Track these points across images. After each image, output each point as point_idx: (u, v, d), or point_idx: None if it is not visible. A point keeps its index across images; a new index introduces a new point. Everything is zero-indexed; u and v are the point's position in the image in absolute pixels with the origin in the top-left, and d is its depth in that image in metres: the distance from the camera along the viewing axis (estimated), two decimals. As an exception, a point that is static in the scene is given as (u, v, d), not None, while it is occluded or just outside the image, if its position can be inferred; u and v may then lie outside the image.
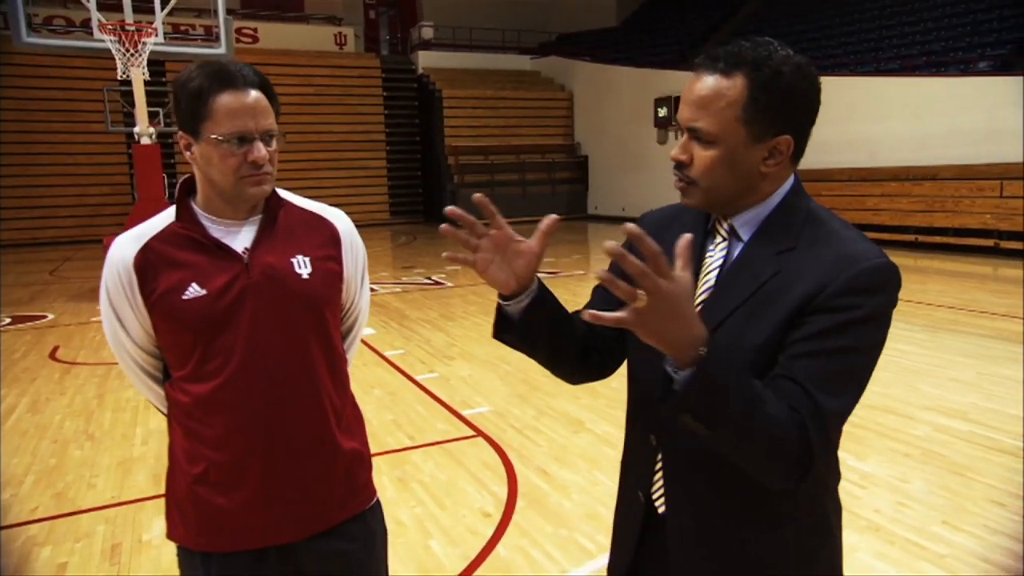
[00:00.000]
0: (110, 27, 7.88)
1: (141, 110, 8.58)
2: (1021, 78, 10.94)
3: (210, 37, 17.44)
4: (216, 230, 1.34)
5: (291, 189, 1.39)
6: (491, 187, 19.55)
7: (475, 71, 21.21)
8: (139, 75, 8.13)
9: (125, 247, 1.32)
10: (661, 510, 1.14)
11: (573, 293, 8.78)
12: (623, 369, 1.26)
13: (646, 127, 17.97)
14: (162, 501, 1.45)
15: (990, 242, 10.67)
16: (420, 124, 20.72)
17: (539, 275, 1.17)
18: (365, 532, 1.47)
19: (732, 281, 1.06)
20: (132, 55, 7.96)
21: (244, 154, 1.27)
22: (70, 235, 16.29)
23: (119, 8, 8.78)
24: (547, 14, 24.19)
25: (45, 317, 7.93)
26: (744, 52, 1.01)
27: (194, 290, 1.29)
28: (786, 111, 1.01)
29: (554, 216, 1.11)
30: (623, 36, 22.00)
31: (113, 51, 7.97)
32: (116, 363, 5.74)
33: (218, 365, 1.30)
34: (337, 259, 1.44)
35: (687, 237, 0.91)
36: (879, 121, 12.76)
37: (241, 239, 1.35)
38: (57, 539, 2.98)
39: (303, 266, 1.37)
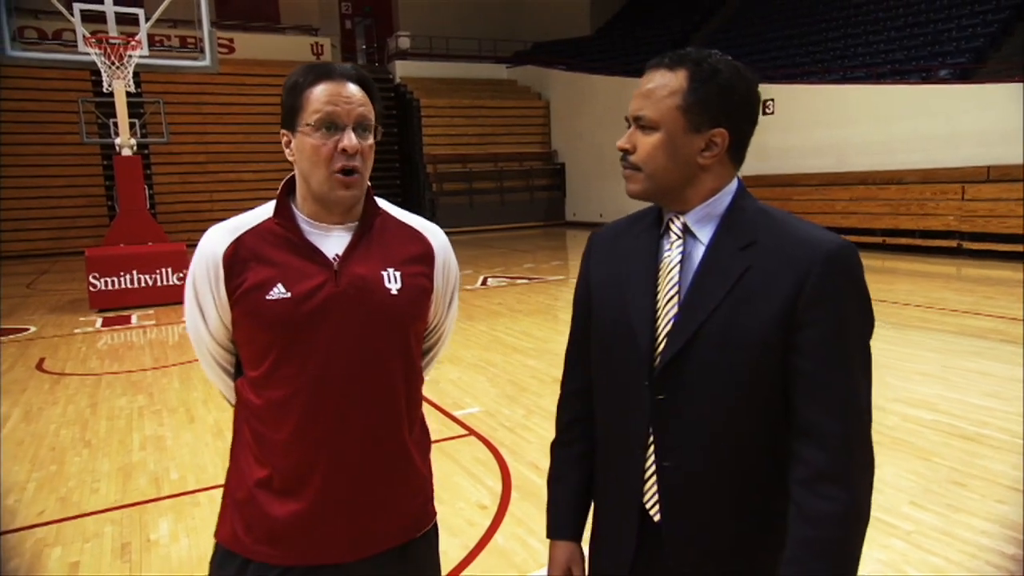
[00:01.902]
0: (94, 40, 7.92)
1: (123, 122, 8.61)
2: (980, 85, 11.41)
3: (186, 48, 17.43)
4: (310, 232, 1.30)
5: (268, 199, 1.34)
6: (469, 195, 19.74)
7: (452, 80, 21.40)
8: (121, 87, 8.17)
9: (218, 239, 1.29)
10: (656, 519, 1.14)
11: (554, 298, 8.97)
12: None
13: (622, 134, 18.18)
14: (165, 503, 1.45)
15: (953, 243, 11.08)
16: (398, 133, 20.84)
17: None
18: (418, 557, 1.40)
19: (704, 280, 1.09)
20: (117, 68, 8.00)
21: (335, 142, 1.23)
22: (45, 247, 16.11)
23: (97, 19, 8.83)
24: (522, 23, 24.49)
25: (27, 329, 7.91)
26: (688, 53, 1.11)
27: (279, 291, 1.25)
28: (722, 105, 1.08)
29: None
30: (597, 45, 22.36)
31: (99, 64, 8.01)
32: (104, 374, 5.84)
33: (294, 370, 1.26)
34: (429, 276, 1.38)
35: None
36: (846, 127, 13.17)
37: (333, 244, 1.30)
38: (66, 540, 3.07)
39: (393, 280, 1.31)
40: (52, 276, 12.78)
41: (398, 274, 1.32)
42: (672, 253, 1.14)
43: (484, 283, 10.26)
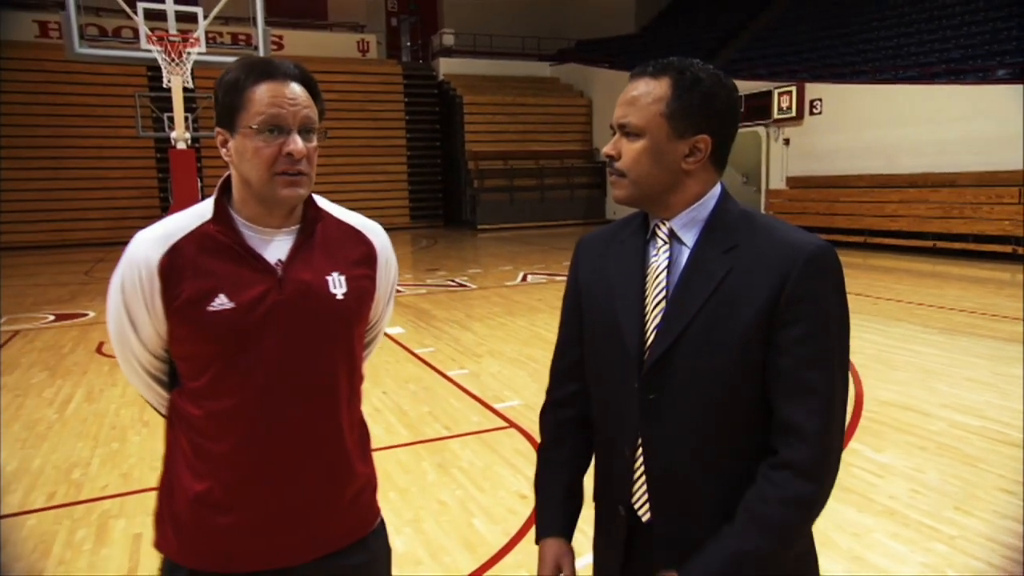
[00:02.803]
0: (156, 38, 8.23)
1: (179, 116, 8.92)
2: (1040, 86, 11.03)
3: (238, 45, 17.89)
4: (250, 237, 1.25)
5: (314, 193, 1.31)
6: (510, 192, 19.83)
7: (495, 77, 21.53)
8: (179, 83, 8.49)
9: (150, 247, 1.22)
10: (645, 518, 1.17)
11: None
12: None
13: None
14: None
15: (1008, 248, 10.75)
16: (440, 129, 21.06)
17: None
18: (367, 555, 1.39)
19: (688, 284, 1.12)
20: (176, 64, 8.31)
21: (279, 146, 1.19)
22: (100, 237, 16.74)
23: (155, 16, 9.15)
24: (566, 21, 24.47)
25: (87, 315, 8.27)
26: (671, 61, 1.14)
27: (221, 301, 1.20)
28: (705, 112, 1.11)
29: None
30: (641, 43, 22.21)
31: (159, 60, 8.33)
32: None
33: (238, 382, 1.22)
34: (372, 277, 1.37)
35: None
36: (897, 128, 12.86)
37: (275, 249, 1.26)
38: (129, 513, 3.24)
39: (338, 285, 1.29)
40: (108, 264, 13.27)
41: (343, 278, 1.29)
42: (659, 258, 1.16)
43: (524, 279, 10.34)
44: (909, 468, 3.51)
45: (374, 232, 1.40)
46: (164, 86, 8.58)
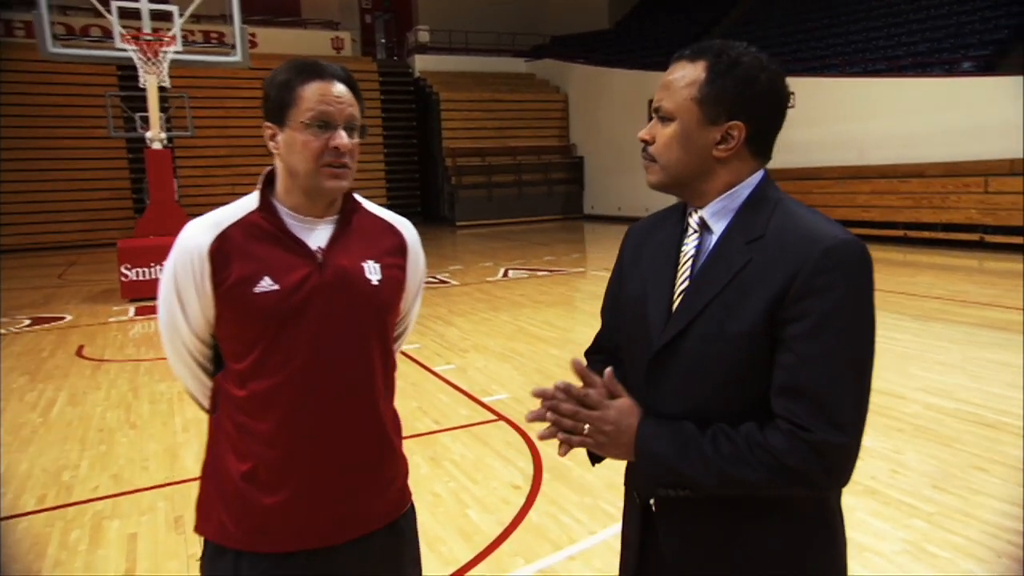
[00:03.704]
0: (130, 37, 8.12)
1: (154, 116, 8.81)
2: (1004, 78, 11.33)
3: (210, 43, 17.67)
4: (293, 225, 1.34)
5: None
6: (488, 188, 19.86)
7: (471, 74, 21.51)
8: (153, 82, 8.38)
9: (201, 234, 1.30)
10: (652, 502, 1.16)
11: (575, 289, 9.08)
12: None
13: (641, 128, 18.01)
14: None
15: (976, 236, 11.04)
16: (417, 126, 21.00)
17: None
18: (398, 538, 1.45)
19: (707, 273, 1.10)
20: (152, 63, 8.20)
21: (326, 140, 1.27)
22: (73, 240, 16.46)
23: (127, 15, 9.01)
24: (540, 17, 24.52)
25: (64, 318, 8.15)
26: (713, 44, 1.10)
27: (267, 283, 1.28)
28: (740, 97, 1.07)
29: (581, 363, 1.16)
30: (616, 38, 22.35)
31: (135, 60, 8.21)
32: (143, 360, 6.04)
33: (280, 361, 1.29)
34: (403, 268, 1.44)
35: (608, 372, 1.10)
36: (867, 120, 13.12)
37: (316, 237, 1.34)
38: (123, 514, 3.24)
39: (373, 272, 1.37)
40: (81, 267, 13.07)
41: (377, 266, 1.37)
42: (688, 247, 1.15)
43: (505, 275, 10.38)
44: (888, 449, 3.63)
45: (405, 226, 1.49)
46: (140, 86, 8.45)
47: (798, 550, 1.10)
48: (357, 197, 1.43)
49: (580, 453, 1.18)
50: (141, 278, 8.88)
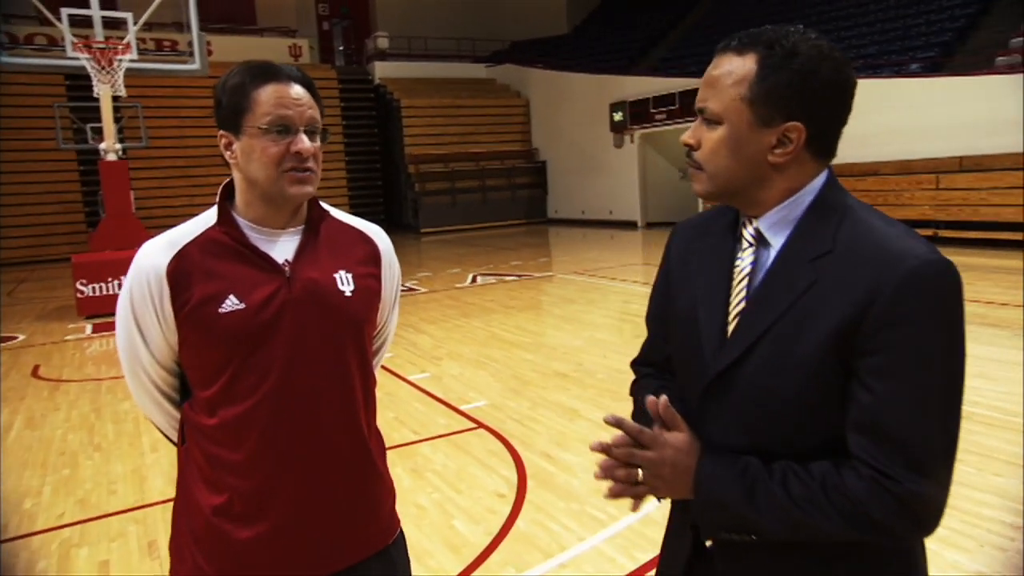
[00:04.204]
0: (83, 45, 7.85)
1: (109, 126, 8.54)
2: (949, 78, 11.73)
3: (163, 52, 17.25)
4: (256, 238, 1.25)
5: None
6: (452, 194, 19.78)
7: (432, 80, 21.42)
8: (107, 92, 8.11)
9: (157, 254, 1.21)
10: (708, 543, 1.04)
11: (544, 293, 9.07)
12: (606, 365, 1.27)
13: (602, 131, 18.45)
14: None
15: (929, 232, 11.37)
16: (379, 134, 20.81)
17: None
18: (389, 568, 1.37)
19: (766, 293, 0.98)
20: (106, 72, 7.94)
21: (287, 145, 1.19)
22: (21, 256, 15.86)
23: (78, 24, 8.73)
24: (499, 22, 24.56)
25: (16, 338, 7.83)
26: (764, 32, 0.97)
27: (232, 302, 1.19)
28: (798, 94, 0.93)
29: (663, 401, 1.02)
30: (575, 43, 22.52)
31: (89, 69, 7.94)
32: (104, 379, 5.82)
33: (252, 384, 1.20)
34: (377, 277, 1.36)
35: (651, 400, 0.98)
36: (823, 121, 13.42)
37: (282, 249, 1.26)
38: (92, 540, 3.10)
39: (345, 283, 1.28)
40: (31, 284, 12.60)
41: (350, 276, 1.29)
42: (743, 262, 1.02)
43: (474, 280, 10.33)
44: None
45: (377, 234, 1.41)
46: (94, 95, 8.18)
47: None
48: (324, 205, 1.35)
49: (556, 454, 1.13)
50: (98, 294, 8.59)
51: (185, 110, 17.46)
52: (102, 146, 8.74)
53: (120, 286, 8.96)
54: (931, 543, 2.67)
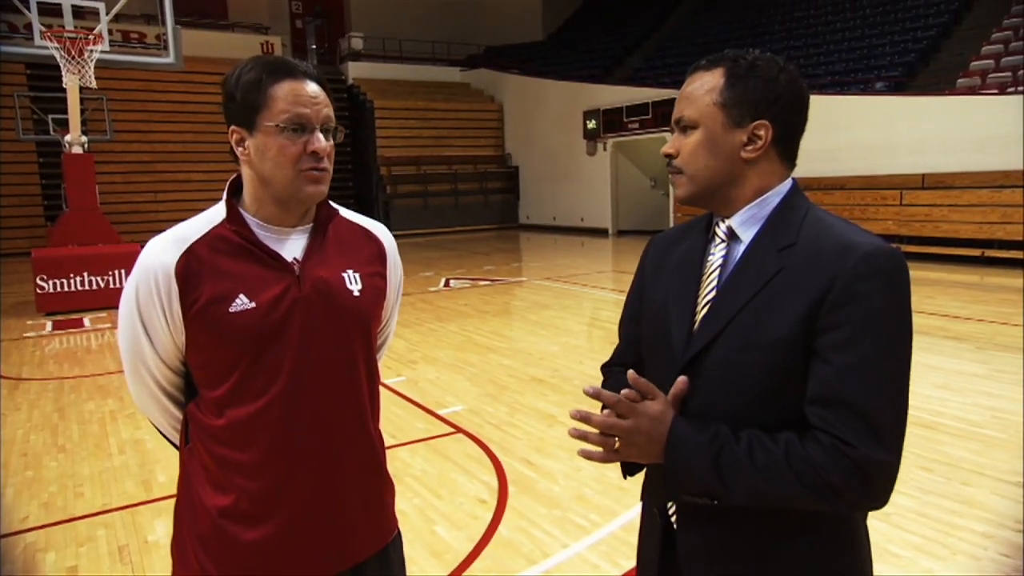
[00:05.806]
0: (52, 35, 7.62)
1: (75, 118, 8.30)
2: (912, 97, 12.09)
3: (130, 44, 16.85)
4: (265, 236, 1.23)
5: (218, 199, 1.26)
6: (424, 197, 19.70)
7: (406, 82, 21.32)
8: (75, 82, 7.88)
9: (165, 251, 1.18)
10: (673, 516, 1.14)
11: (518, 298, 9.07)
12: (584, 369, 1.30)
13: (575, 138, 18.57)
14: (159, 504, 1.29)
15: (894, 246, 11.68)
16: (351, 135, 20.60)
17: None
18: (387, 568, 1.37)
19: (737, 280, 1.07)
20: (76, 63, 7.72)
21: (304, 144, 1.18)
22: (-25, 249, 15.32)
23: (45, 13, 8.48)
24: (475, 27, 24.59)
25: (-29, 334, 7.55)
26: (727, 53, 1.11)
27: (242, 302, 1.17)
28: (764, 97, 1.06)
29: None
30: (550, 50, 22.64)
31: (58, 59, 7.70)
32: (67, 378, 5.64)
33: (262, 384, 1.19)
34: (383, 275, 1.36)
35: (632, 373, 1.05)
36: (792, 135, 13.70)
37: (291, 248, 1.24)
38: (58, 545, 2.99)
39: (354, 282, 1.28)
40: (-12, 279, 12.17)
41: (357, 275, 1.29)
42: (715, 257, 1.12)
43: (447, 284, 10.28)
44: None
45: (382, 232, 1.41)
46: (63, 85, 7.94)
47: (826, 569, 1.06)
48: (333, 204, 1.35)
49: (537, 460, 1.13)
50: (59, 290, 8.34)
51: (152, 104, 17.09)
52: (67, 139, 8.49)
53: (82, 283, 8.72)
54: (906, 550, 2.76)
